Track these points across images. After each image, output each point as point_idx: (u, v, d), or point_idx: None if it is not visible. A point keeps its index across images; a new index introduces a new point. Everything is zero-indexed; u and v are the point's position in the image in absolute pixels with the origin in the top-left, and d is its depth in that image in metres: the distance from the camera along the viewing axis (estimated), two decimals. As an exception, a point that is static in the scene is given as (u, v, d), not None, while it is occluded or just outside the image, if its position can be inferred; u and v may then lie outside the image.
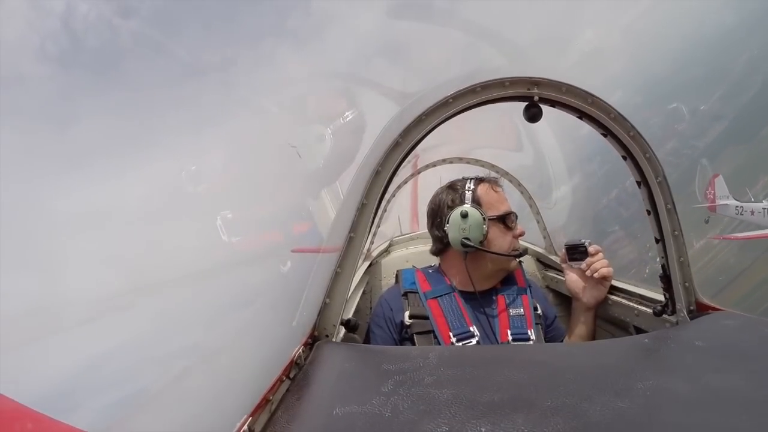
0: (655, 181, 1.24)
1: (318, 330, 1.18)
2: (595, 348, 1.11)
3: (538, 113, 1.25)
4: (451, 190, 1.59)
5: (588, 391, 0.72)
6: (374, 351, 1.07)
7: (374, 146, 1.24)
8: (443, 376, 0.81)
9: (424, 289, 1.52)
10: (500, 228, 1.54)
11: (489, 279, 1.56)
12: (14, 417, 0.45)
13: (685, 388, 0.73)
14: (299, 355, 1.02)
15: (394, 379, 0.80)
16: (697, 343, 0.93)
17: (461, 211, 1.47)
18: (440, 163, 2.49)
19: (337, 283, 1.22)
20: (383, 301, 1.57)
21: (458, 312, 1.46)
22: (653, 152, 1.24)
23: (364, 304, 2.02)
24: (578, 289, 1.54)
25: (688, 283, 1.23)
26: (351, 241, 1.23)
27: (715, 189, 14.80)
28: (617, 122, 1.23)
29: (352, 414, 0.69)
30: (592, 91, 1.22)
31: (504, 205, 1.58)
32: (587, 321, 1.52)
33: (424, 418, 0.66)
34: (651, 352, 0.96)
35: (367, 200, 1.24)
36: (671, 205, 1.24)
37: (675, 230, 1.24)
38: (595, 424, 0.62)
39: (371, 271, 2.27)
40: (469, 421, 0.64)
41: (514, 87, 1.23)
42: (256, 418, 0.76)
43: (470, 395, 0.72)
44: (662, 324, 1.30)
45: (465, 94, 1.24)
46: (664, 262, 1.26)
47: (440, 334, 1.41)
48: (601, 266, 1.49)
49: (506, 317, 1.49)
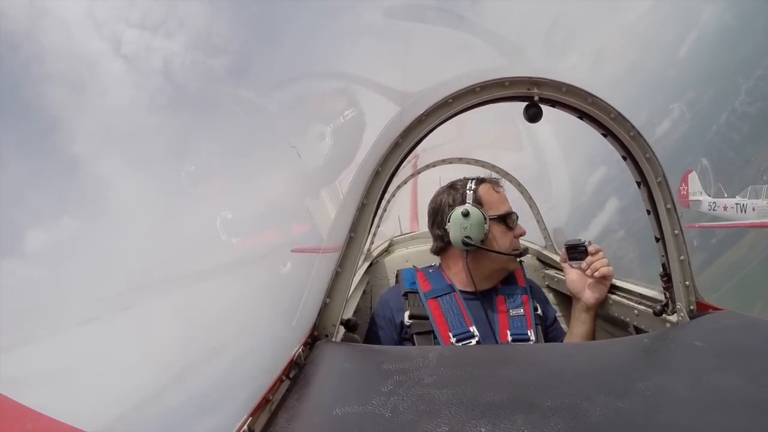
0: (654, 182, 1.24)
1: (318, 330, 1.18)
2: (595, 348, 1.11)
3: (538, 113, 1.25)
4: (453, 189, 1.59)
5: (588, 391, 0.72)
6: (374, 351, 1.07)
7: (374, 146, 1.24)
8: (443, 376, 0.81)
9: (424, 289, 1.52)
10: (501, 228, 1.54)
11: (489, 278, 1.56)
12: (14, 417, 0.45)
13: (685, 388, 0.73)
14: (299, 354, 1.02)
15: (394, 379, 0.80)
16: (697, 343, 0.93)
17: (463, 210, 1.47)
18: (440, 163, 2.49)
19: (338, 282, 1.22)
20: (383, 301, 1.57)
21: (458, 312, 1.46)
22: (653, 152, 1.24)
23: (364, 304, 2.02)
24: (578, 289, 1.54)
25: (688, 282, 1.23)
26: (351, 240, 1.23)
27: (688, 185, 15.00)
28: (617, 122, 1.23)
29: (352, 414, 0.69)
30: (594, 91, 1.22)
31: (505, 205, 1.59)
32: (587, 320, 1.52)
33: (424, 418, 0.66)
34: (651, 352, 0.96)
35: (367, 200, 1.24)
36: (671, 205, 1.24)
37: (675, 230, 1.24)
38: (595, 424, 0.62)
39: (371, 270, 2.27)
40: (469, 421, 0.64)
41: (514, 87, 1.23)
42: (256, 418, 0.76)
43: (470, 395, 0.72)
44: (662, 324, 1.30)
45: (465, 94, 1.24)
46: (665, 261, 1.27)
47: (440, 334, 1.41)
48: (602, 265, 1.49)
49: (506, 317, 1.49)
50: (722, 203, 14.23)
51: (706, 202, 14.74)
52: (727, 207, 13.95)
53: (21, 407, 0.45)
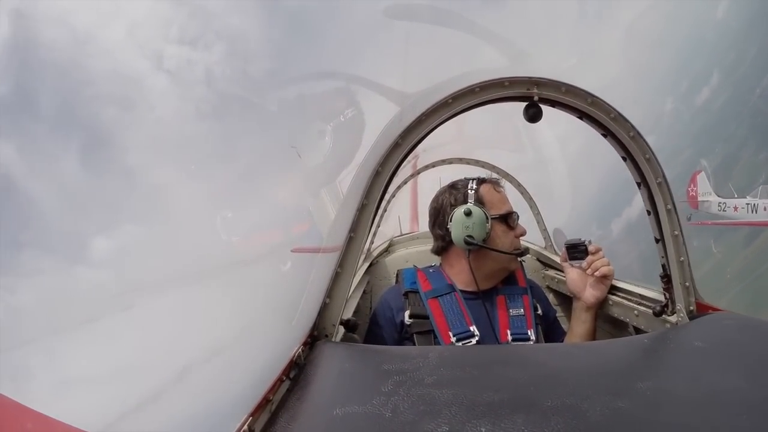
0: (654, 182, 1.24)
1: (318, 330, 1.18)
2: (595, 348, 1.11)
3: (538, 113, 1.26)
4: (454, 189, 1.60)
5: (588, 391, 0.72)
6: (374, 351, 1.07)
7: (374, 146, 1.24)
8: (443, 376, 0.81)
9: (424, 289, 1.53)
10: (503, 227, 1.54)
11: (490, 278, 1.56)
12: (14, 417, 0.45)
13: (685, 388, 0.74)
14: (299, 354, 1.02)
15: (394, 379, 0.80)
16: (697, 343, 0.93)
17: (465, 209, 1.47)
18: (440, 163, 2.49)
19: (338, 282, 1.22)
20: (384, 301, 1.57)
21: (458, 311, 1.46)
22: (653, 153, 1.24)
23: (364, 304, 2.02)
24: (579, 288, 1.55)
25: (688, 283, 1.23)
26: (351, 240, 1.23)
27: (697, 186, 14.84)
28: (617, 123, 1.23)
29: (353, 414, 0.69)
30: (591, 91, 1.22)
31: (506, 204, 1.59)
32: (588, 320, 1.52)
33: (425, 418, 0.66)
34: (651, 353, 0.96)
35: (368, 200, 1.24)
36: (671, 206, 1.24)
37: (675, 230, 1.24)
38: (595, 424, 0.62)
39: (372, 271, 2.28)
40: (470, 421, 0.64)
41: (514, 87, 1.23)
42: (256, 418, 0.76)
43: (470, 395, 0.72)
44: (662, 324, 1.30)
45: (465, 94, 1.24)
46: (665, 262, 1.27)
47: (440, 333, 1.41)
48: (602, 265, 1.49)
49: (506, 317, 1.49)
50: (732, 203, 13.89)
51: (716, 203, 14.40)
52: (738, 207, 13.64)
53: (21, 407, 0.45)
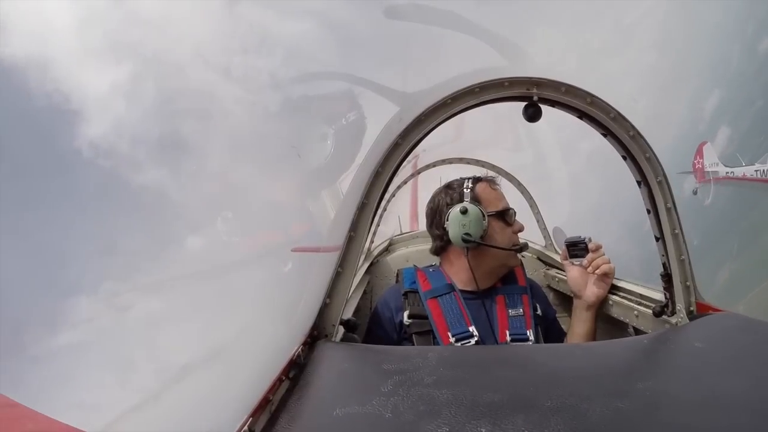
0: (655, 181, 1.24)
1: (318, 330, 1.18)
2: (595, 349, 1.11)
3: (538, 112, 1.25)
4: (450, 189, 1.60)
5: (588, 391, 0.72)
6: (374, 351, 1.07)
7: (374, 146, 1.24)
8: (443, 376, 0.81)
9: (424, 289, 1.53)
10: (500, 224, 1.55)
11: (490, 276, 1.56)
12: (14, 417, 0.46)
13: (685, 389, 0.74)
14: (299, 354, 1.02)
15: (394, 380, 0.80)
16: (697, 344, 0.93)
17: (461, 207, 1.47)
18: (440, 163, 2.49)
19: (338, 282, 1.22)
20: (383, 301, 1.57)
21: (458, 312, 1.46)
22: (653, 152, 1.24)
23: (364, 304, 2.02)
24: (579, 287, 1.54)
25: (689, 282, 1.23)
26: (351, 240, 1.23)
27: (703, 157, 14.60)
28: (617, 122, 1.23)
29: (353, 414, 0.69)
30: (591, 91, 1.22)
31: (502, 201, 1.59)
32: (588, 319, 1.52)
33: (425, 418, 0.66)
34: (651, 353, 0.96)
35: (368, 200, 1.24)
36: (671, 204, 1.24)
37: (675, 229, 1.24)
38: (595, 425, 0.62)
39: (372, 270, 2.27)
40: (470, 422, 0.64)
41: (514, 87, 1.23)
42: (256, 419, 0.76)
43: (470, 395, 0.72)
44: (662, 325, 1.30)
45: (464, 94, 1.24)
46: (665, 261, 1.27)
47: (439, 334, 1.41)
48: (603, 262, 1.49)
49: (505, 317, 1.49)
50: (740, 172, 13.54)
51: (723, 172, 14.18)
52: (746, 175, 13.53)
53: (21, 407, 0.45)
